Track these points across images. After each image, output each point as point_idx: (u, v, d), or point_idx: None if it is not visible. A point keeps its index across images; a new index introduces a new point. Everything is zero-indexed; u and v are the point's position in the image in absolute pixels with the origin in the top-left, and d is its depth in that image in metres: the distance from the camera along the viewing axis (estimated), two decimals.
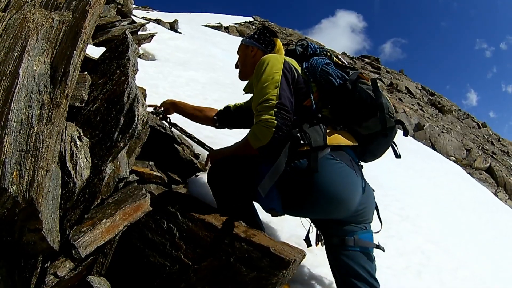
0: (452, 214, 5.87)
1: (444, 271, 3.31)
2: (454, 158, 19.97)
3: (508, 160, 26.76)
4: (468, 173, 15.38)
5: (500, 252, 5.20)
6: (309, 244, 2.25)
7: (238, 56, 2.48)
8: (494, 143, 30.42)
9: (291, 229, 2.59)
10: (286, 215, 2.01)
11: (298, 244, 2.30)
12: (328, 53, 2.22)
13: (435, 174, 8.84)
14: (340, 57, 2.26)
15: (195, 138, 2.92)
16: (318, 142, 1.89)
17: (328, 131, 1.95)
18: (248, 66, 2.37)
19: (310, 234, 2.26)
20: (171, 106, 2.86)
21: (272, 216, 1.99)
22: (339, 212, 1.90)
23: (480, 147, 25.87)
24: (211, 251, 1.91)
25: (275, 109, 1.87)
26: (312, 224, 2.22)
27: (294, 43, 2.28)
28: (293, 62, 2.09)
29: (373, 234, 2.04)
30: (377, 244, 2.02)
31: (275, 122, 1.84)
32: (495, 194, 16.91)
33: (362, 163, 2.15)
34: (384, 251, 2.05)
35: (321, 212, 1.95)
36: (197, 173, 2.72)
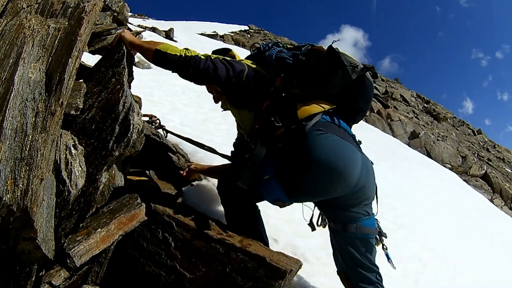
0: (448, 221, 5.87)
1: (441, 278, 3.31)
2: (449, 166, 20.07)
3: (504, 167, 26.91)
4: (464, 180, 15.43)
5: (496, 258, 5.20)
6: (313, 228, 2.22)
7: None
8: (490, 150, 30.60)
9: (287, 239, 2.57)
10: (293, 203, 2.01)
11: (294, 254, 2.29)
12: (280, 44, 2.31)
13: (431, 182, 8.85)
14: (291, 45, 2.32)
15: (193, 141, 2.90)
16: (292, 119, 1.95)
17: (299, 106, 1.99)
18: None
19: (313, 219, 2.24)
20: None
21: (280, 207, 1.99)
22: (340, 187, 1.87)
23: (476, 154, 26.00)
24: (206, 261, 1.89)
25: (212, 55, 2.05)
26: (315, 208, 2.20)
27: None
28: (252, 65, 2.18)
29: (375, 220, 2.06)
30: (379, 230, 2.05)
31: (201, 58, 1.98)
32: (491, 200, 16.99)
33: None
34: (386, 237, 2.07)
35: (322, 190, 1.92)
36: (192, 182, 2.71)
